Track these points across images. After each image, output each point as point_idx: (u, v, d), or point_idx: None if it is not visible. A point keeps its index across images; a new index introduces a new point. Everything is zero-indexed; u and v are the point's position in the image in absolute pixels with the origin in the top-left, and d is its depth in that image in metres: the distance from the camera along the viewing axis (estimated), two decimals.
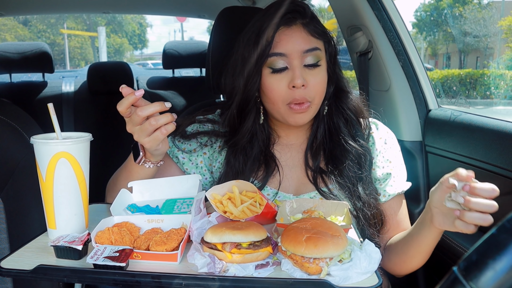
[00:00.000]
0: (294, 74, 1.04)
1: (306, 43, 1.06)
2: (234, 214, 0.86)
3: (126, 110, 0.92)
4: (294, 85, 1.04)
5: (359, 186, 1.12)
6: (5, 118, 1.15)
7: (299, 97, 1.05)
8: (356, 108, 1.18)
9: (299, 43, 1.05)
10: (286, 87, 1.05)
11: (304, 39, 1.06)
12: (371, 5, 1.48)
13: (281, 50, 1.05)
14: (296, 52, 1.05)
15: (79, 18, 31.30)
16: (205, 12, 3.15)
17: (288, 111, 1.07)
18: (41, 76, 3.05)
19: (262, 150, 1.15)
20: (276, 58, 1.05)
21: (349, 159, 1.13)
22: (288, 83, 1.05)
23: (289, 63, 1.06)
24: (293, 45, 1.05)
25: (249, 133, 1.14)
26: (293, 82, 1.04)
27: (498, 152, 1.16)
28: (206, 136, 1.19)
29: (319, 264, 0.72)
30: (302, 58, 1.05)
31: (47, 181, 0.84)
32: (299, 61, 1.05)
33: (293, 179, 1.16)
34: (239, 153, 1.14)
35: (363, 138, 1.17)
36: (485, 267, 0.38)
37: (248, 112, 1.13)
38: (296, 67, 1.05)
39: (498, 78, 9.06)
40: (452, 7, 22.06)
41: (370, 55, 1.57)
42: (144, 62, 22.30)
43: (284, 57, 1.05)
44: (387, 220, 1.17)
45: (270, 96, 1.08)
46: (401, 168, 1.21)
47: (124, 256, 0.72)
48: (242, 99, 1.12)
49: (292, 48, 1.05)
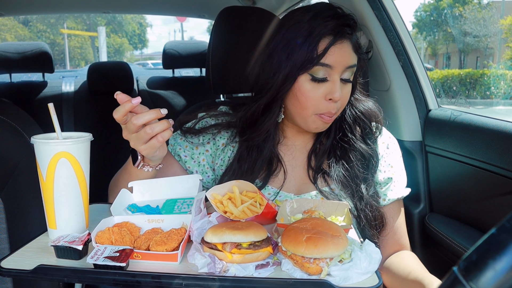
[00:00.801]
0: (334, 88, 1.04)
1: (351, 59, 1.05)
2: (235, 214, 0.86)
3: (122, 118, 0.92)
4: (332, 98, 1.04)
5: (362, 186, 1.12)
6: (5, 118, 1.15)
7: (333, 110, 1.05)
8: (369, 111, 1.18)
9: (347, 59, 1.04)
10: (322, 98, 1.05)
11: (351, 55, 1.06)
12: (371, 5, 1.48)
13: (329, 62, 1.03)
14: (341, 66, 1.04)
15: (79, 18, 31.30)
16: (205, 12, 3.15)
17: (315, 119, 1.07)
18: (41, 76, 3.05)
19: (271, 148, 1.15)
20: (322, 68, 1.03)
21: (356, 158, 1.14)
22: (325, 94, 1.04)
23: (329, 75, 1.04)
24: (341, 60, 1.03)
25: (266, 132, 1.13)
26: (332, 95, 1.03)
27: (498, 152, 1.16)
28: (218, 128, 1.18)
29: (320, 264, 0.72)
30: (342, 73, 1.05)
31: (47, 181, 0.84)
32: (339, 75, 1.05)
33: (295, 179, 1.16)
34: (253, 150, 1.13)
35: (371, 141, 1.18)
36: (485, 267, 0.38)
37: (272, 110, 1.11)
38: (336, 81, 1.04)
39: (498, 78, 9.06)
40: (452, 7, 22.05)
41: (370, 55, 1.57)
42: (144, 62, 22.30)
43: (328, 69, 1.03)
44: (387, 223, 1.17)
45: (302, 102, 1.06)
46: (401, 174, 1.20)
47: (124, 256, 0.72)
48: (273, 97, 1.09)
49: (340, 63, 1.03)
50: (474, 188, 1.27)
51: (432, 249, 1.44)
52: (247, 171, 1.11)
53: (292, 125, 1.17)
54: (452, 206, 1.39)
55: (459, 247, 1.25)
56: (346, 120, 1.17)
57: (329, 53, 1.02)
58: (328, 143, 1.17)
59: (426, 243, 1.47)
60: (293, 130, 1.19)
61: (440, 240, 1.35)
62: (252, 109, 1.12)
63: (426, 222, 1.44)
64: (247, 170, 1.11)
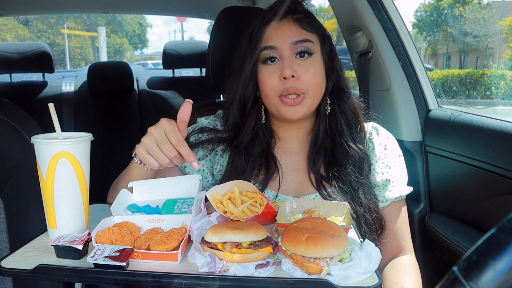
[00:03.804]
0: (283, 65, 1.05)
1: (296, 35, 1.08)
2: (234, 214, 0.86)
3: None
4: (284, 76, 1.05)
5: (360, 191, 1.10)
6: (5, 118, 1.15)
7: (290, 88, 1.05)
8: (354, 110, 1.18)
9: (288, 34, 1.07)
10: (277, 79, 1.07)
11: (294, 31, 1.08)
12: (371, 5, 1.48)
13: (271, 43, 1.08)
14: (285, 43, 1.07)
15: (79, 18, 31.29)
16: (205, 12, 3.15)
17: (281, 104, 1.08)
18: (41, 76, 3.05)
19: (264, 149, 1.15)
20: (267, 51, 1.08)
21: (350, 163, 1.12)
22: (279, 74, 1.06)
23: (279, 55, 1.07)
24: (282, 37, 1.07)
25: (252, 131, 1.14)
26: (283, 72, 1.05)
27: (498, 152, 1.16)
28: (211, 144, 1.19)
29: (320, 264, 0.72)
30: (292, 49, 1.07)
31: (47, 181, 0.84)
32: (289, 52, 1.07)
33: (293, 182, 1.15)
34: (242, 152, 1.14)
35: (361, 142, 1.16)
36: (485, 267, 0.38)
37: (250, 111, 1.14)
38: (285, 58, 1.06)
39: (498, 78, 9.06)
40: (452, 7, 22.05)
41: (370, 55, 1.57)
42: (144, 62, 22.30)
43: (274, 50, 1.07)
44: (386, 225, 1.15)
45: (263, 89, 1.10)
46: (401, 173, 1.18)
47: (124, 256, 0.72)
48: (241, 97, 1.13)
49: (282, 40, 1.07)
50: (474, 188, 1.27)
51: (432, 249, 1.44)
52: (239, 173, 1.12)
53: (281, 123, 1.17)
54: (452, 206, 1.39)
55: (459, 247, 1.25)
56: (335, 117, 1.15)
57: (269, 35, 1.08)
58: (321, 142, 1.15)
59: (426, 243, 1.46)
60: (284, 128, 1.18)
61: (440, 240, 1.35)
62: (229, 115, 1.15)
63: (426, 222, 1.44)
64: (238, 172, 1.12)
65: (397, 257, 1.15)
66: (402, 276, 1.07)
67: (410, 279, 1.07)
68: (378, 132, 1.20)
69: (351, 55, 1.71)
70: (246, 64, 1.10)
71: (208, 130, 1.21)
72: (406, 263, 1.13)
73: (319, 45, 1.11)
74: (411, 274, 1.09)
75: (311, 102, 1.09)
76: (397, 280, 1.06)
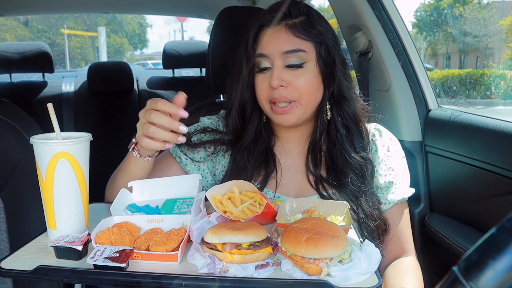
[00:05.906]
0: (272, 75, 1.06)
1: (287, 44, 1.05)
2: (234, 214, 0.86)
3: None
4: (271, 86, 1.05)
5: (362, 199, 1.09)
6: (5, 118, 1.15)
7: (278, 96, 1.05)
8: (356, 118, 1.13)
9: (279, 44, 1.05)
10: (267, 86, 1.07)
11: (285, 40, 1.05)
12: (371, 5, 1.48)
13: (263, 51, 1.07)
14: (276, 52, 1.05)
15: (79, 18, 31.29)
16: (205, 12, 3.15)
17: (272, 111, 1.09)
18: (41, 76, 3.05)
19: (266, 148, 1.15)
20: (261, 59, 1.08)
21: (351, 172, 1.10)
22: (269, 82, 1.06)
23: (271, 63, 1.07)
24: (273, 46, 1.06)
25: (255, 131, 1.15)
26: (270, 82, 1.05)
27: (498, 152, 1.16)
28: (213, 146, 1.19)
29: (319, 265, 0.72)
30: (283, 59, 1.06)
31: (47, 181, 0.84)
32: (280, 61, 1.06)
33: (294, 184, 1.15)
34: (244, 150, 1.14)
35: (364, 149, 1.13)
36: (485, 267, 0.38)
37: (250, 114, 1.15)
38: (275, 68, 1.06)
39: (498, 78, 9.06)
40: (452, 7, 22.05)
41: (370, 55, 1.57)
42: (144, 62, 22.31)
43: (267, 58, 1.07)
44: (389, 228, 1.15)
45: (256, 96, 1.11)
46: (404, 175, 1.17)
47: (124, 257, 0.72)
48: (240, 103, 1.14)
49: (272, 49, 1.06)
50: (474, 188, 1.27)
51: (432, 249, 1.44)
52: (241, 170, 1.12)
53: None
54: (452, 206, 1.39)
55: (459, 247, 1.24)
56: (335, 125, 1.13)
57: (263, 42, 1.08)
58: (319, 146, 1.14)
59: (426, 243, 1.46)
60: (283, 129, 1.17)
61: (440, 240, 1.35)
62: (230, 118, 1.15)
63: (426, 222, 1.44)
64: (240, 170, 1.12)
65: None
66: (404, 277, 1.07)
67: (412, 279, 1.07)
68: (381, 133, 1.18)
69: (351, 55, 1.71)
70: (243, 70, 1.11)
71: (210, 131, 1.21)
72: (408, 264, 1.12)
73: (314, 53, 1.07)
74: (413, 275, 1.09)
75: (304, 110, 1.08)
76: (399, 280, 1.06)
